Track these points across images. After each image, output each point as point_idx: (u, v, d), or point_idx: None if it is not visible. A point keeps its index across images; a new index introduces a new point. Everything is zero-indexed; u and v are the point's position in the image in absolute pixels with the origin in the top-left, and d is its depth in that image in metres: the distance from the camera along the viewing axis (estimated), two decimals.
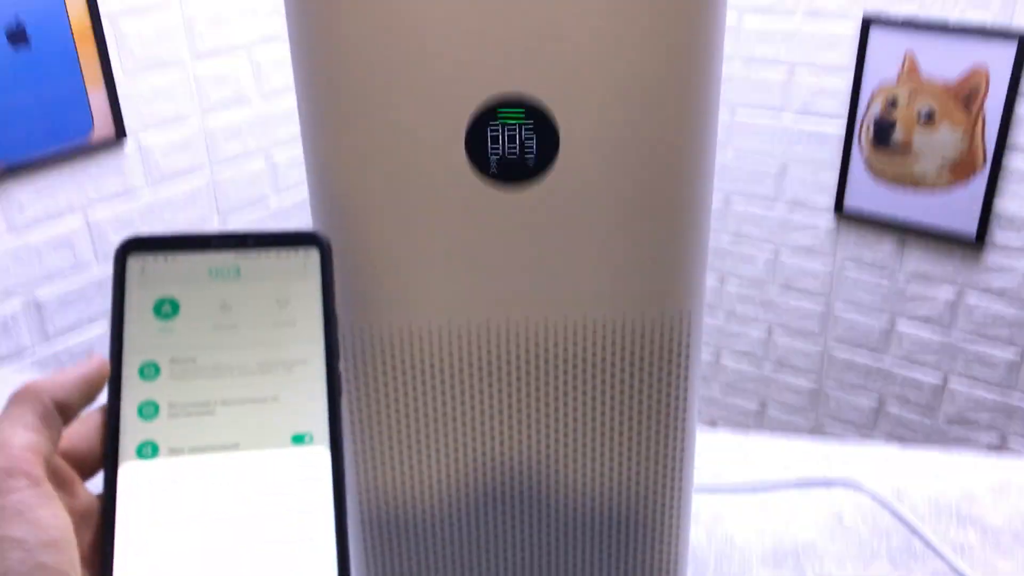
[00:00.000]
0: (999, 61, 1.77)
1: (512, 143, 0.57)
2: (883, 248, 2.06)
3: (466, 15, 0.54)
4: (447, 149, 0.57)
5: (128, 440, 0.37)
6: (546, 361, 0.63)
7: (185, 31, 1.72)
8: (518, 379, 0.64)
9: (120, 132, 1.66)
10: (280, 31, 1.86)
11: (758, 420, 2.41)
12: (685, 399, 0.65)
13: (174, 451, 0.38)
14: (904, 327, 2.10)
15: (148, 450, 0.37)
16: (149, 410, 0.38)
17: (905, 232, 2.01)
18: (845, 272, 2.13)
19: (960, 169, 1.89)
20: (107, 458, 0.37)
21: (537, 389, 0.64)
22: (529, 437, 0.65)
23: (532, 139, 0.57)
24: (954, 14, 1.80)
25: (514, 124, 0.58)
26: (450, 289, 0.61)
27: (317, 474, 0.38)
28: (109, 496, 0.36)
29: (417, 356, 0.63)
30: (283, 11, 0.54)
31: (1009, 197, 1.87)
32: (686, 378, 0.65)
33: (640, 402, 0.65)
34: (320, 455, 0.38)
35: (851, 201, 2.04)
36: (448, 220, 0.59)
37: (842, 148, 2.02)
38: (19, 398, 0.35)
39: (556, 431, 0.66)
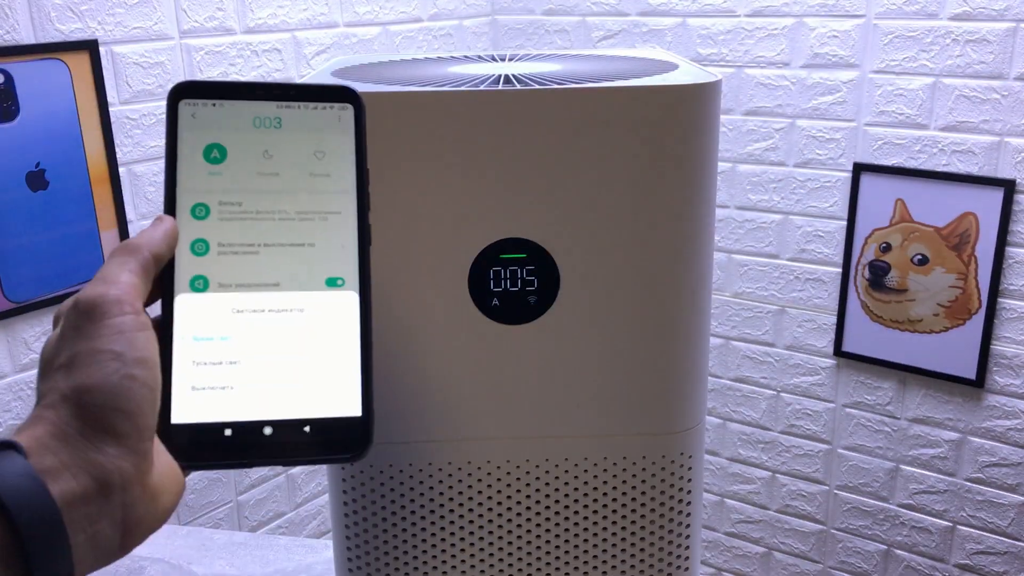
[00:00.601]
0: (987, 207, 1.82)
1: (514, 284, 0.59)
2: (883, 391, 2.06)
3: (473, 170, 0.57)
4: (453, 289, 0.59)
5: (183, 274, 0.41)
6: (547, 503, 0.63)
7: None
8: (519, 523, 0.63)
9: None
10: None
11: (763, 564, 2.35)
12: (687, 545, 0.64)
13: (223, 286, 0.41)
14: (909, 471, 2.07)
15: (200, 283, 0.41)
16: (201, 247, 0.41)
17: (905, 375, 2.02)
18: (846, 416, 2.13)
19: (956, 312, 1.91)
20: (165, 290, 0.40)
21: (538, 526, 0.64)
22: None
23: (533, 281, 0.59)
24: (941, 162, 1.87)
25: (516, 267, 0.60)
26: (455, 426, 0.62)
27: (348, 315, 0.41)
28: (166, 324, 0.40)
29: (418, 495, 0.63)
30: None
31: (1005, 341, 1.88)
32: (688, 525, 0.64)
33: (642, 549, 0.64)
34: (350, 299, 0.42)
35: (849, 345, 2.06)
36: (455, 359, 0.60)
37: (839, 292, 2.05)
38: (122, 250, 0.39)
39: (556, 572, 0.65)
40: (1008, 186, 1.79)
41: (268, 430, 0.39)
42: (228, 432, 0.39)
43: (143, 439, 0.36)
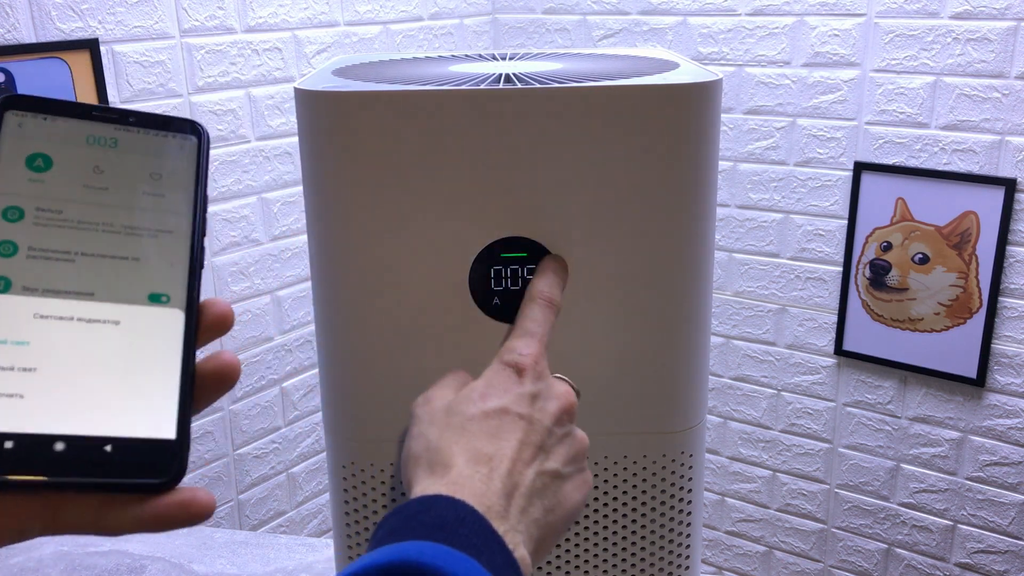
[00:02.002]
0: (988, 206, 1.82)
1: (515, 283, 0.59)
2: (884, 390, 2.06)
3: (471, 168, 0.57)
4: (452, 288, 0.59)
5: None
6: None
7: None
8: None
9: None
10: (287, 175, 1.93)
11: (764, 562, 2.35)
12: (688, 544, 0.64)
13: (27, 289, 0.37)
14: (909, 470, 2.08)
15: (1, 284, 0.37)
16: (8, 248, 0.38)
17: (906, 374, 2.02)
18: (847, 415, 2.13)
19: (957, 311, 1.91)
20: None
21: None
22: None
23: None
24: (942, 161, 1.87)
25: (516, 266, 0.60)
26: None
27: (170, 333, 0.39)
28: None
29: None
30: (295, 158, 0.57)
31: (1006, 340, 1.88)
32: (688, 524, 0.64)
33: (643, 548, 0.64)
34: (174, 316, 0.39)
35: (850, 344, 2.06)
36: (456, 358, 0.60)
37: (840, 291, 2.05)
38: None
39: (556, 571, 0.65)
40: (1009, 185, 1.79)
41: (60, 445, 0.35)
42: (9, 444, 0.34)
43: None
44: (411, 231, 0.58)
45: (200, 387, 0.39)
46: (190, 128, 0.42)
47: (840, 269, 2.05)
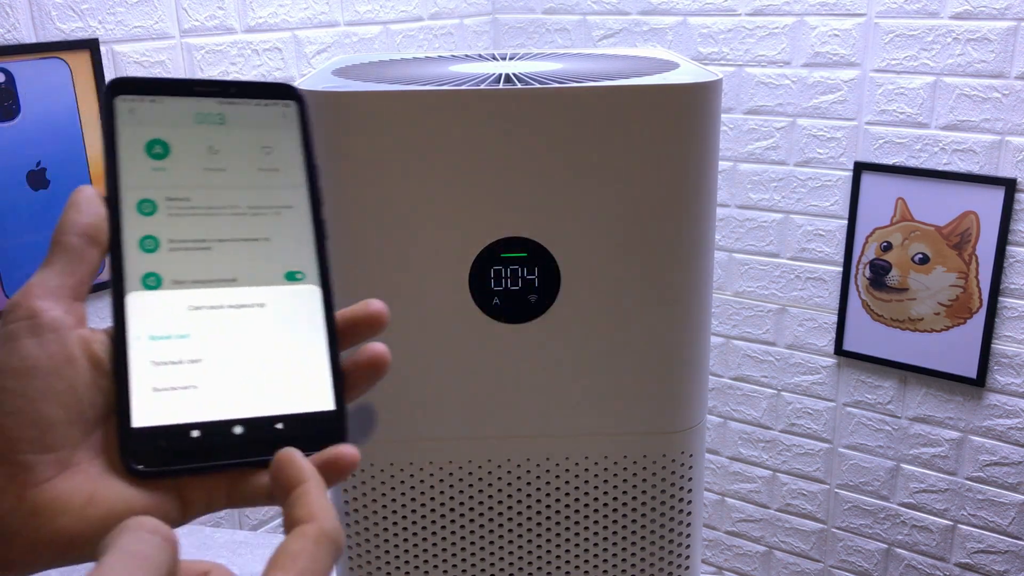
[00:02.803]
0: (988, 206, 1.82)
1: (515, 283, 0.59)
2: (884, 390, 2.06)
3: (471, 169, 0.57)
4: (452, 288, 0.59)
5: (133, 271, 0.38)
6: (548, 503, 0.63)
7: None
8: (519, 522, 0.63)
9: None
10: None
11: (764, 562, 2.35)
12: (688, 544, 0.64)
13: (177, 283, 0.39)
14: (909, 470, 2.08)
15: (153, 281, 0.39)
16: (150, 244, 0.39)
17: (906, 374, 2.02)
18: (847, 415, 2.13)
19: (957, 311, 1.91)
20: (115, 289, 0.38)
21: (538, 525, 0.64)
22: None
23: (534, 280, 0.59)
24: (942, 161, 1.87)
25: (516, 266, 0.60)
26: (454, 423, 0.62)
27: (311, 308, 0.40)
28: (119, 324, 0.38)
29: (418, 494, 0.63)
30: None
31: (1006, 340, 1.88)
32: (688, 524, 0.64)
33: (643, 548, 0.64)
34: (312, 292, 0.40)
35: (850, 344, 2.06)
36: (456, 358, 0.60)
37: (840, 291, 2.05)
38: (51, 241, 0.37)
39: (557, 571, 0.65)
40: (1009, 185, 1.79)
41: (238, 429, 0.38)
42: (196, 433, 0.37)
43: (18, 450, 0.34)
44: (411, 231, 0.58)
45: (351, 378, 0.40)
46: (286, 92, 0.42)
47: (840, 269, 2.05)
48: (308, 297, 0.40)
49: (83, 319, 0.37)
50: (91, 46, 1.56)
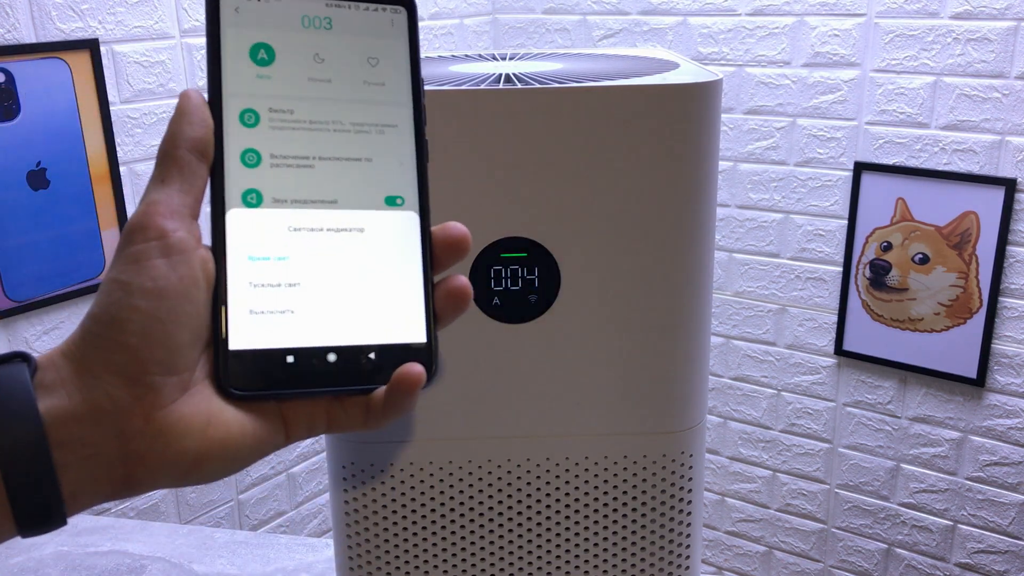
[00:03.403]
0: (988, 206, 1.82)
1: (515, 283, 0.59)
2: (884, 390, 2.06)
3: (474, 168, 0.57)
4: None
5: (234, 187, 0.37)
6: (548, 503, 0.63)
7: None
8: (519, 522, 0.63)
9: None
10: None
11: (764, 562, 2.35)
12: (688, 544, 0.64)
13: (277, 201, 0.37)
14: (909, 470, 2.08)
15: (253, 198, 0.37)
16: (252, 158, 0.37)
17: (906, 374, 2.02)
18: (847, 415, 2.13)
19: (957, 311, 1.91)
20: (215, 204, 0.37)
21: (539, 525, 0.64)
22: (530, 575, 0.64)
23: (534, 280, 0.59)
24: (942, 161, 1.87)
25: (516, 266, 0.60)
26: (454, 423, 0.62)
27: (409, 236, 0.39)
28: (218, 242, 0.36)
29: (419, 494, 0.63)
30: None
31: (1006, 340, 1.88)
32: (688, 524, 0.64)
33: (643, 548, 0.64)
34: (411, 220, 0.39)
35: (850, 344, 2.06)
36: (456, 358, 0.60)
37: (840, 291, 2.05)
38: (159, 156, 0.36)
39: (557, 571, 0.65)
40: (1009, 185, 1.79)
41: (332, 356, 0.37)
42: (290, 359, 0.36)
43: (147, 372, 0.34)
44: None
45: (435, 310, 0.39)
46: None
47: (840, 269, 2.05)
48: (407, 224, 0.39)
49: (200, 238, 0.36)
50: (91, 46, 1.56)
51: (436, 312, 0.39)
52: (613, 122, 0.56)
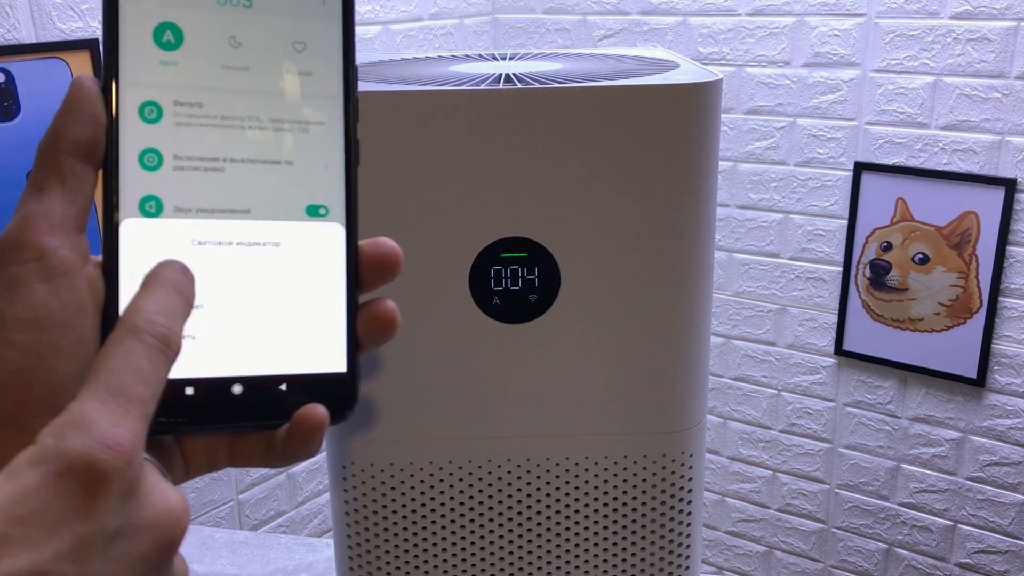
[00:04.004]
0: (988, 206, 1.82)
1: (515, 283, 0.59)
2: (884, 390, 2.06)
3: (473, 168, 0.57)
4: (452, 288, 0.59)
5: (130, 193, 0.32)
6: (548, 503, 0.63)
7: None
8: (519, 522, 0.63)
9: None
10: None
11: (764, 562, 2.35)
12: (688, 544, 0.64)
13: (180, 210, 0.32)
14: (909, 470, 2.08)
15: (152, 206, 0.32)
16: (152, 159, 0.32)
17: (906, 374, 2.02)
18: (847, 415, 2.13)
19: (957, 311, 1.91)
20: (106, 213, 0.32)
21: (539, 525, 0.64)
22: None
23: (534, 279, 0.59)
24: (942, 161, 1.87)
25: (516, 266, 0.60)
26: (454, 423, 0.62)
27: (331, 252, 0.34)
28: (110, 256, 0.32)
29: (418, 494, 0.63)
30: None
31: (1006, 340, 1.88)
32: (688, 524, 0.64)
33: (643, 548, 0.64)
34: (335, 232, 0.34)
35: (850, 344, 2.06)
36: (456, 358, 0.60)
37: (840, 291, 2.05)
38: (37, 159, 0.31)
39: (557, 571, 0.65)
40: (1009, 185, 1.79)
41: (238, 388, 0.32)
42: (190, 391, 0.32)
43: (23, 413, 0.29)
44: (411, 231, 0.58)
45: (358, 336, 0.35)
46: None
47: (840, 269, 2.05)
48: (330, 238, 0.34)
49: (87, 253, 0.31)
50: (91, 46, 1.56)
51: (359, 339, 0.35)
52: (613, 122, 0.56)
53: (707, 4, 2.07)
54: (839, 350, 2.08)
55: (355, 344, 0.34)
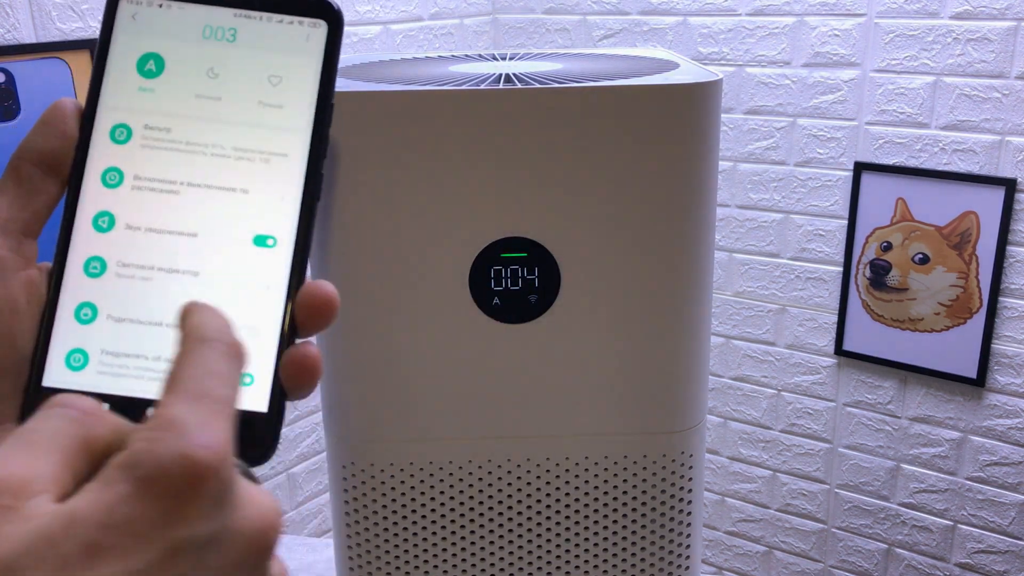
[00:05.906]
0: (988, 206, 1.82)
1: (515, 283, 0.59)
2: (884, 390, 2.06)
3: (472, 168, 0.57)
4: (452, 288, 0.59)
5: (87, 208, 0.33)
6: (548, 503, 0.63)
7: None
8: (519, 522, 0.63)
9: None
10: None
11: (764, 562, 2.35)
12: (688, 544, 0.64)
13: (130, 228, 0.33)
14: (909, 470, 2.08)
15: (104, 222, 0.33)
16: (114, 178, 0.34)
17: (906, 374, 2.02)
18: (847, 415, 2.13)
19: (957, 311, 1.91)
20: (64, 224, 0.33)
21: (539, 525, 0.64)
22: None
23: (534, 280, 0.59)
24: (942, 161, 1.87)
25: (516, 266, 0.60)
26: (454, 423, 0.62)
27: (271, 286, 0.33)
28: (58, 265, 0.33)
29: (419, 494, 0.63)
30: None
31: (1006, 340, 1.88)
32: (688, 524, 0.64)
33: (643, 548, 0.64)
34: (279, 266, 0.34)
35: (850, 344, 2.06)
36: (456, 358, 0.60)
37: (840, 291, 2.06)
38: (8, 164, 0.32)
39: (557, 571, 0.65)
40: (1009, 185, 1.79)
41: (151, 412, 0.31)
42: (105, 407, 0.31)
43: None
44: (411, 231, 0.58)
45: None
46: (319, 9, 0.35)
47: (840, 269, 2.05)
48: (272, 270, 0.34)
49: (33, 259, 0.32)
50: (91, 46, 1.56)
51: (283, 384, 0.33)
52: (613, 122, 0.56)
53: (707, 4, 2.07)
54: (839, 350, 2.08)
55: (279, 384, 0.33)
